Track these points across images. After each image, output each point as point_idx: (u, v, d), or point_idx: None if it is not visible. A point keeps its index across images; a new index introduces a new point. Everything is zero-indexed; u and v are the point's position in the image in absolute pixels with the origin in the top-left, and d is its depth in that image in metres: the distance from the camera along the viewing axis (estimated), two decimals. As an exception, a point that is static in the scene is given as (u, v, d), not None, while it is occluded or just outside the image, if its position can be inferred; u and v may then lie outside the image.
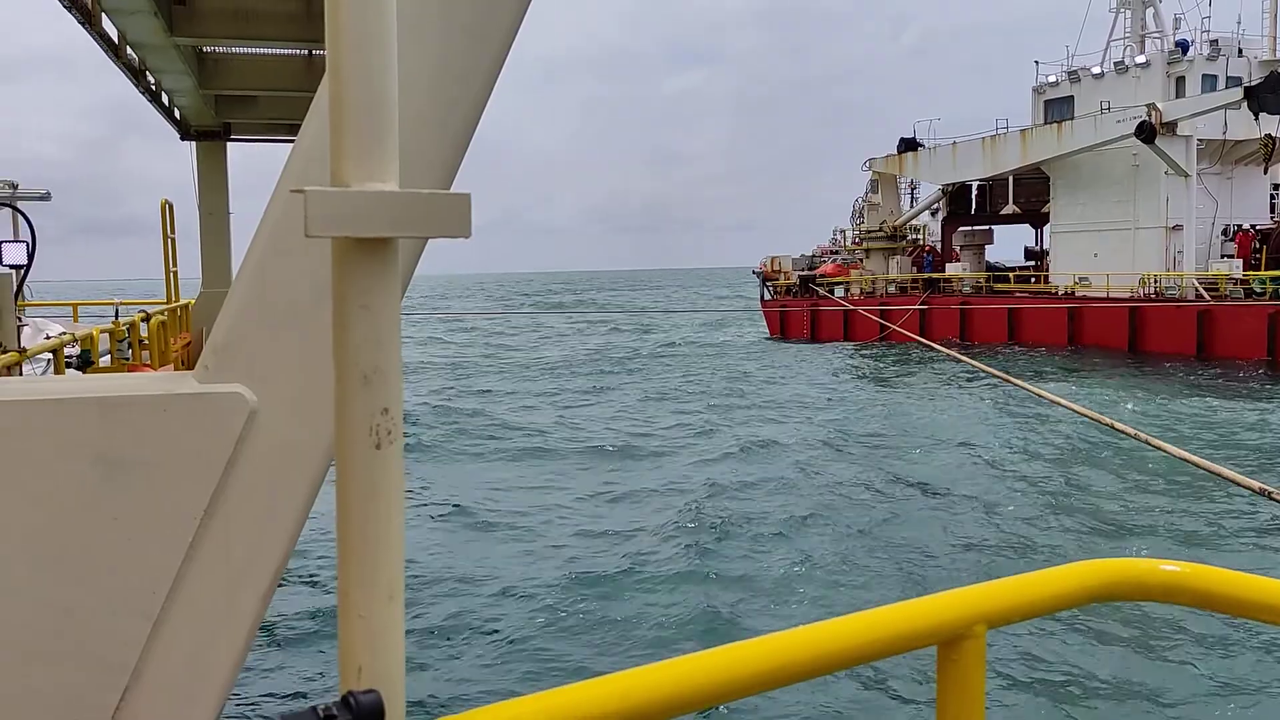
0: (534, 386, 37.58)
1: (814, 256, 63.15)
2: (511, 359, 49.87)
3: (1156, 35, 48.48)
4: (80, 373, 9.61)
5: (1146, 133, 40.67)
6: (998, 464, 21.67)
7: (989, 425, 26.87)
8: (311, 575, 13.99)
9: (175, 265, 16.02)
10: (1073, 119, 46.33)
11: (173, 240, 15.72)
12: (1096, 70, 48.04)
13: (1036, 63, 51.75)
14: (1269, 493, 6.72)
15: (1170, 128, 41.06)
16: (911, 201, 59.54)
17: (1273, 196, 45.68)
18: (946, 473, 20.87)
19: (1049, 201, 49.25)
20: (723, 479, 20.52)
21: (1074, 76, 49.08)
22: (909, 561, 14.74)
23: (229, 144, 16.46)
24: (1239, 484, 7.18)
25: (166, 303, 15.78)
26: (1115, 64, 47.48)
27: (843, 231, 63.07)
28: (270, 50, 12.50)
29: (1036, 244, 56.39)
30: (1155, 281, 42.13)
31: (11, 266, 8.69)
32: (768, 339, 58.15)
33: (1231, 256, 41.70)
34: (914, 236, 58.95)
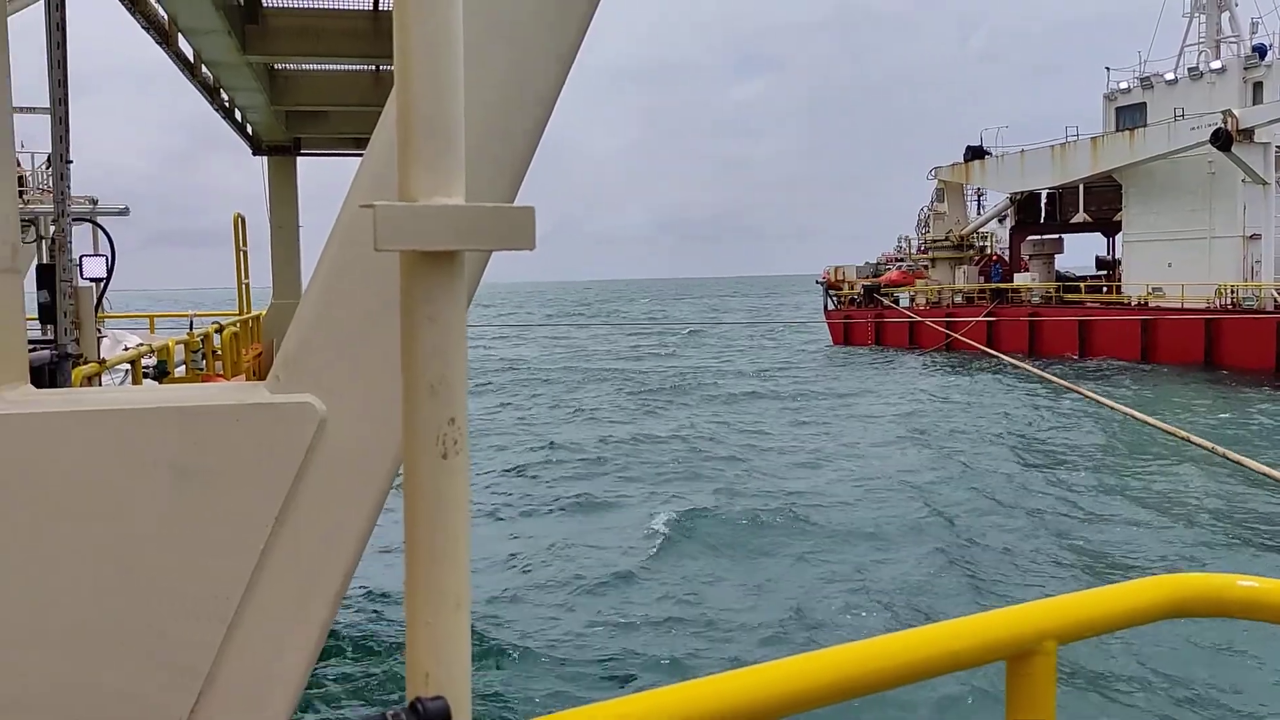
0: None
1: (878, 265, 62.57)
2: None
3: (1233, 40, 47.27)
4: (157, 383, 9.87)
5: (1222, 140, 39.65)
6: (1066, 476, 21.25)
7: (1055, 436, 26.36)
8: (375, 583, 14.16)
9: (247, 277, 16.41)
10: (1145, 126, 45.34)
11: (245, 253, 16.12)
12: (1170, 76, 46.93)
13: (1108, 69, 50.81)
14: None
15: (1247, 135, 39.98)
16: (978, 209, 58.69)
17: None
18: (1021, 484, 20.51)
19: (1121, 210, 48.21)
20: (811, 486, 20.44)
21: (1147, 83, 48.01)
22: (980, 575, 14.51)
23: (299, 158, 16.84)
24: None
25: (238, 314, 16.16)
26: (1189, 70, 46.35)
27: (907, 239, 62.39)
28: (339, 66, 12.79)
29: (1108, 253, 55.21)
30: (1232, 292, 40.97)
31: (91, 280, 8.96)
32: (829, 347, 57.73)
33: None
34: (981, 245, 58.04)
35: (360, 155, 2.99)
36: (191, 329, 12.93)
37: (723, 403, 35.62)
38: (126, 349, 10.41)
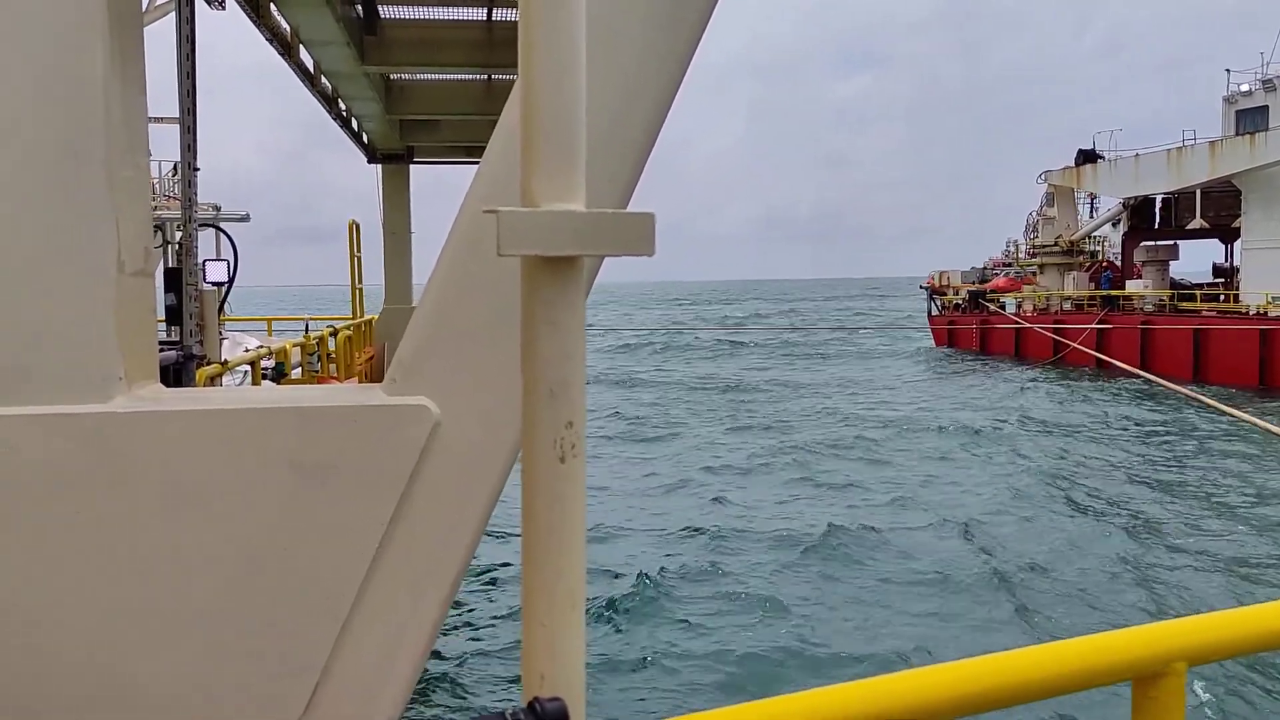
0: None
1: (985, 269, 61.09)
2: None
3: (1366, 37, 44.97)
4: (274, 384, 10.19)
5: (1349, 144, 37.70)
6: (1200, 498, 20.42)
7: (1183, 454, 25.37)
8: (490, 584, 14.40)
9: (360, 282, 16.85)
10: (1267, 130, 43.37)
11: (358, 259, 16.55)
12: (1295, 78, 44.89)
13: (1228, 70, 48.73)
14: None
15: (1374, 138, 37.94)
16: (1091, 213, 56.87)
17: None
18: (1153, 503, 19.80)
19: (1240, 216, 46.18)
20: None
21: (1269, 85, 45.91)
22: (1107, 593, 14.05)
23: (411, 166, 17.23)
24: None
25: (352, 318, 16.59)
26: (1316, 71, 44.30)
27: (1016, 243, 60.78)
28: (452, 76, 13.07)
29: (1226, 260, 52.94)
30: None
31: (214, 284, 9.29)
32: (932, 350, 56.67)
33: None
34: (1092, 249, 56.20)
35: (472, 163, 3.05)
36: (307, 332, 13.32)
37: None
38: (246, 351, 10.79)
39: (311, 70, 10.75)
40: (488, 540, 15.29)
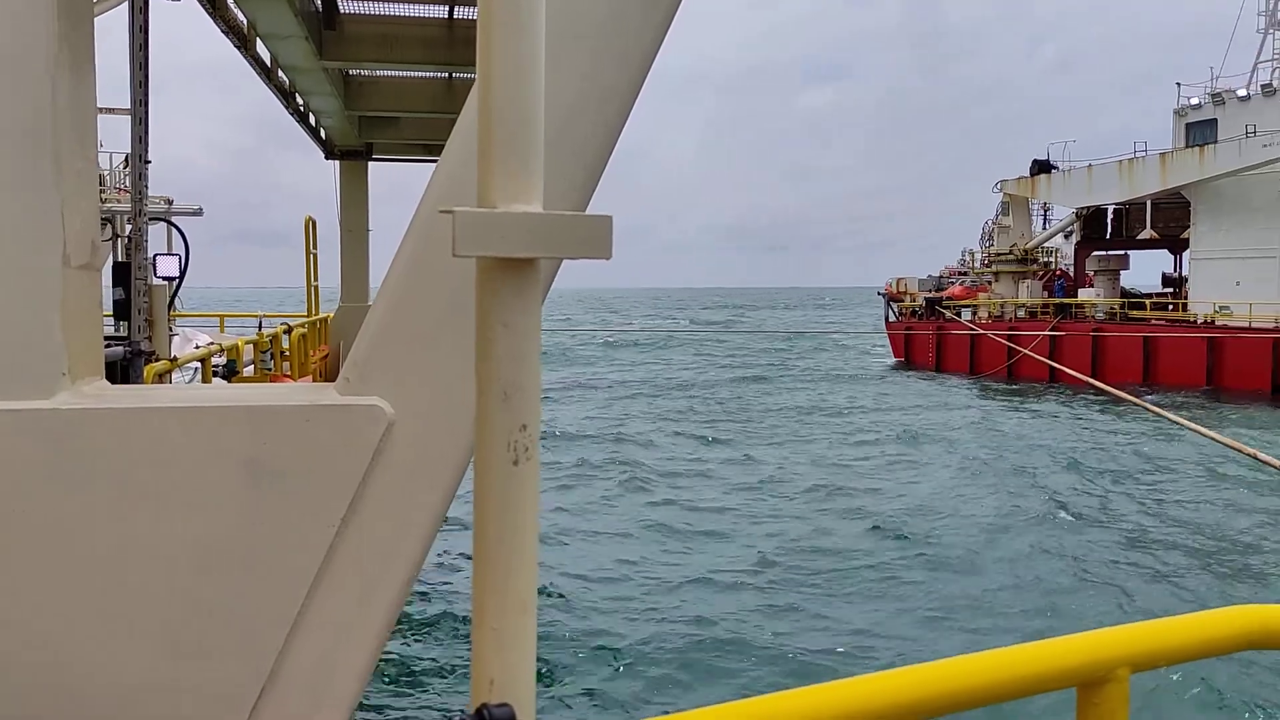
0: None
1: (941, 278, 61.89)
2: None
3: (1309, 57, 46.10)
4: (225, 382, 10.05)
5: (1296, 158, 38.60)
6: (1142, 501, 20.76)
7: (1125, 459, 25.79)
8: (443, 586, 14.29)
9: (316, 279, 16.66)
10: (1216, 143, 44.29)
11: (315, 256, 16.37)
12: (1242, 93, 45.80)
13: (1178, 84, 49.70)
14: None
15: (1321, 152, 38.87)
16: (1044, 224, 57.76)
17: None
18: (1097, 508, 20.05)
19: (1189, 227, 47.12)
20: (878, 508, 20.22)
21: (1218, 99, 46.92)
22: (1047, 600, 14.23)
23: (370, 163, 17.08)
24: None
25: (307, 316, 16.40)
26: (1262, 86, 45.20)
27: (971, 253, 61.62)
28: (412, 73, 12.96)
29: (1175, 270, 53.99)
30: (1303, 311, 39.87)
31: (165, 278, 9.14)
32: (893, 367, 57.00)
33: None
34: (1045, 260, 57.11)
35: (431, 161, 3.03)
36: (260, 329, 13.15)
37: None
38: (197, 347, 10.62)
39: (269, 64, 10.62)
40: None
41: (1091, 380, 11.90)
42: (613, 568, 15.75)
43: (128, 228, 8.62)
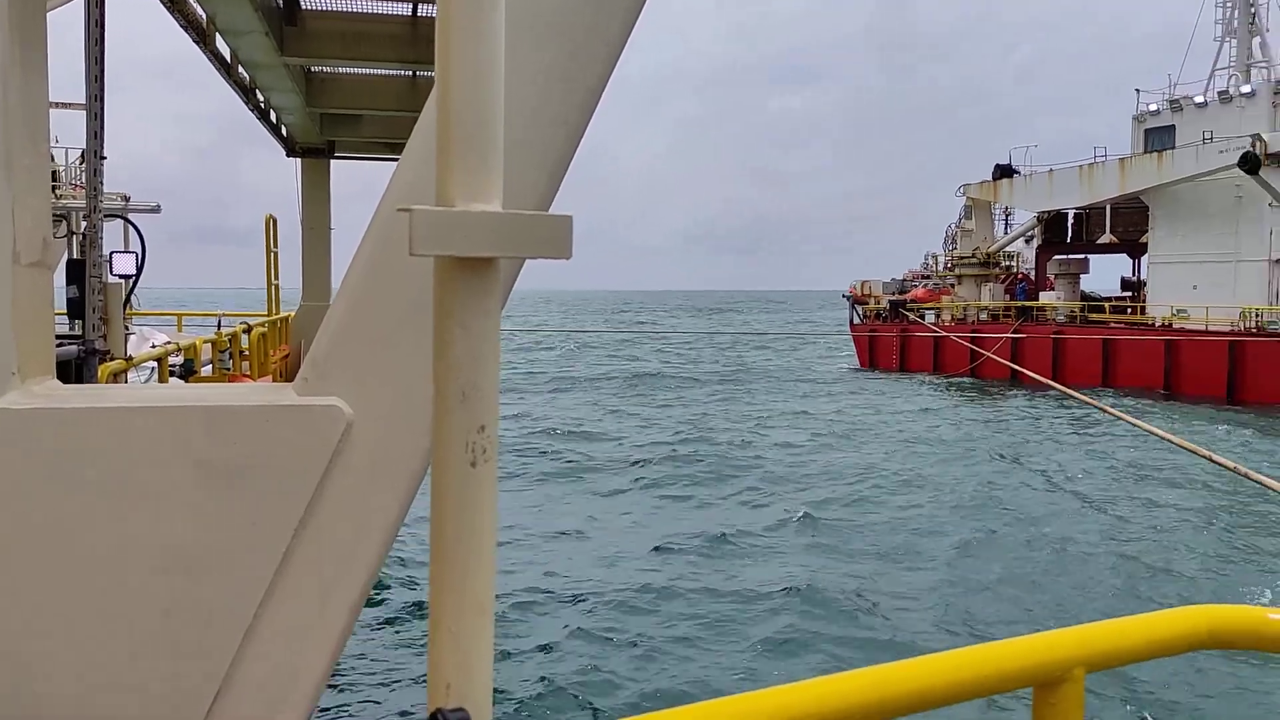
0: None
1: (904, 281, 62.50)
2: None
3: (1263, 65, 46.98)
4: (183, 381, 9.92)
5: (1251, 164, 39.25)
6: (1092, 499, 21.04)
7: (1078, 458, 26.13)
8: (404, 588, 14.20)
9: (277, 278, 16.50)
10: (1174, 149, 45.02)
11: (275, 254, 16.21)
12: (1199, 99, 46.64)
13: (1137, 91, 50.49)
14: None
15: (1275, 159, 39.48)
16: (1006, 228, 58.47)
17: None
18: (1049, 510, 20.30)
19: (1147, 231, 47.87)
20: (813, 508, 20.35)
21: (1176, 105, 47.73)
22: (1008, 600, 14.37)
23: (332, 161, 16.93)
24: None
25: (267, 315, 16.24)
26: (1219, 93, 46.04)
27: (934, 256, 62.28)
28: (375, 71, 12.86)
29: (1134, 274, 54.83)
30: (1257, 315, 40.57)
31: (121, 276, 9.01)
32: (856, 370, 57.43)
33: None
34: (1007, 264, 57.84)
35: (394, 160, 3.00)
36: (219, 328, 12.99)
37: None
38: (154, 346, 10.47)
39: (228, 60, 10.49)
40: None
41: (1051, 382, 12.04)
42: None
43: (83, 224, 8.49)
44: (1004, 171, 55.21)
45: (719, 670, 11.61)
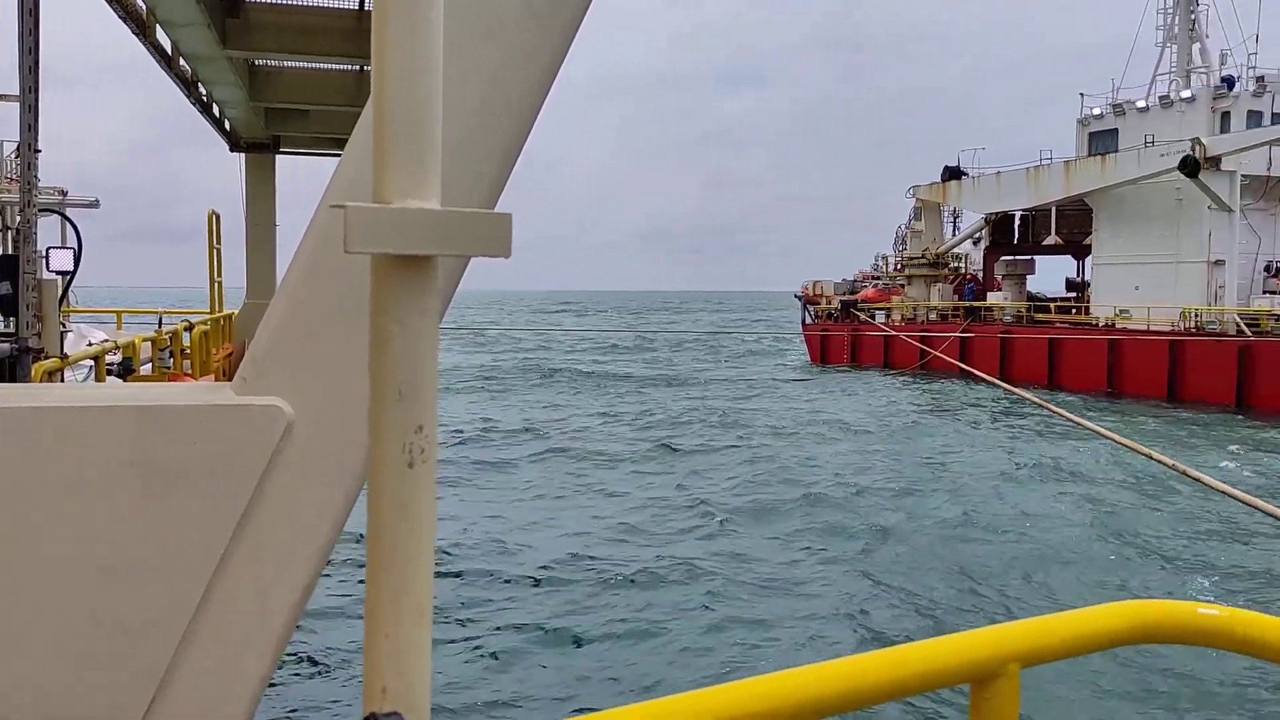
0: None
1: (855, 282, 63.13)
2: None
3: (1202, 70, 48.06)
4: (121, 380, 9.72)
5: (1190, 167, 40.18)
6: (1033, 497, 21.40)
7: (1020, 457, 26.56)
8: (344, 592, 14.03)
9: (220, 275, 16.25)
10: (1117, 152, 45.94)
11: (218, 250, 15.96)
12: (1141, 104, 47.65)
13: (1081, 95, 51.43)
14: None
15: (1214, 163, 40.52)
16: (954, 229, 59.27)
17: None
18: (984, 505, 20.61)
19: (1091, 233, 48.79)
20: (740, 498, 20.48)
21: (1119, 109, 48.72)
22: (943, 597, 14.56)
23: (278, 156, 16.70)
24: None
25: (210, 312, 15.99)
26: (1160, 98, 47.07)
27: (884, 257, 63.00)
28: (322, 65, 12.69)
29: (1078, 275, 55.84)
30: (1196, 315, 41.54)
31: (58, 273, 8.83)
32: (808, 364, 58.02)
33: (1274, 293, 41.05)
34: (955, 265, 58.67)
35: (341, 156, 2.96)
36: (160, 326, 12.76)
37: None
38: (91, 345, 10.25)
39: (169, 53, 10.31)
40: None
41: (996, 380, 12.22)
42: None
43: (17, 219, 8.29)
44: (952, 173, 55.96)
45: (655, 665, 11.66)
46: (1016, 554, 16.81)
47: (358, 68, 12.49)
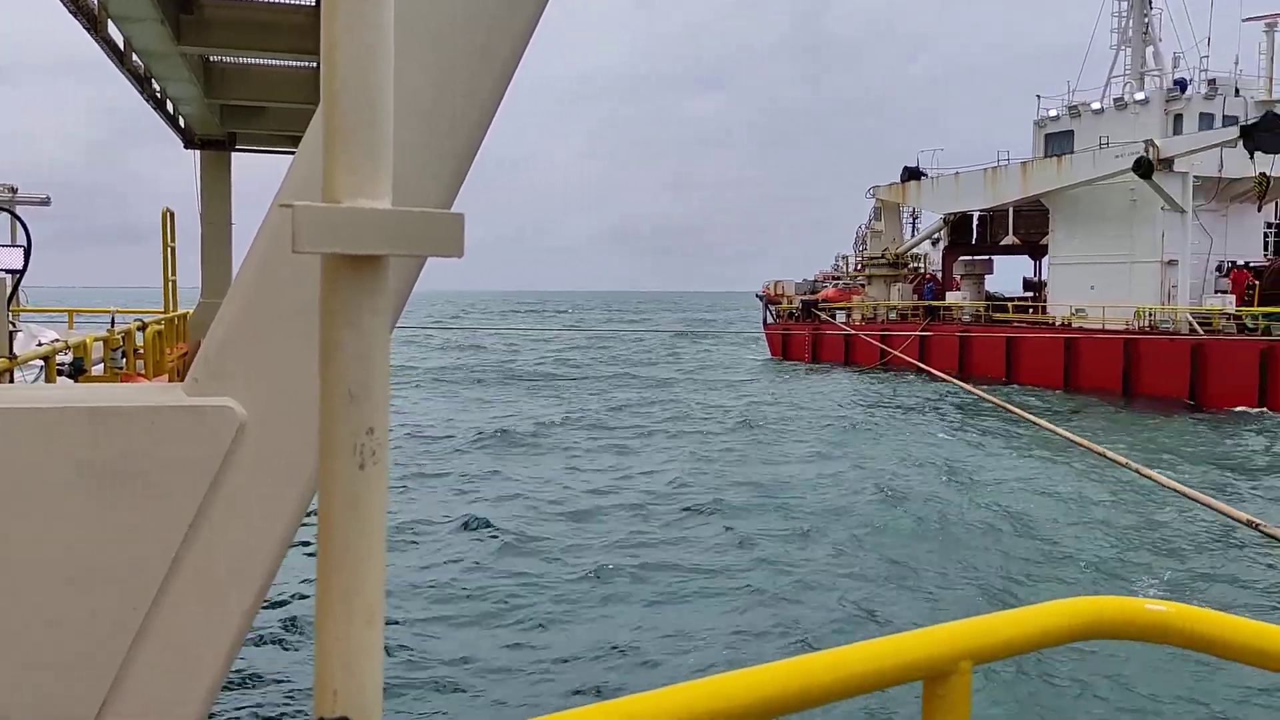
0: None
1: (816, 282, 63.55)
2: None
3: (1156, 73, 48.85)
4: (72, 381, 9.55)
5: (1144, 168, 40.83)
6: (984, 493, 21.62)
7: (973, 454, 26.86)
8: (297, 594, 13.88)
9: (174, 274, 16.03)
10: (1072, 153, 46.59)
11: (172, 249, 15.74)
12: (1096, 106, 48.36)
13: (1038, 97, 52.09)
14: (1257, 524, 6.73)
15: (1167, 164, 41.20)
16: (913, 230, 59.82)
17: (1266, 234, 45.79)
18: (933, 501, 20.79)
19: (1048, 233, 49.45)
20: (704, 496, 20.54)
21: (1074, 111, 49.42)
22: (893, 593, 14.67)
23: (234, 154, 16.51)
24: (1230, 516, 7.18)
25: (164, 312, 15.76)
26: (1115, 100, 47.79)
27: (845, 257, 63.49)
28: (278, 62, 12.57)
29: (1035, 275, 56.58)
30: (1150, 314, 42.23)
31: (7, 271, 8.67)
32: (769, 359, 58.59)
33: (1225, 292, 41.83)
34: (915, 265, 59.25)
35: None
36: (113, 326, 12.55)
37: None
38: (41, 344, 10.06)
39: (121, 48, 10.16)
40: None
41: (953, 379, 12.34)
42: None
43: (-34, 217, 8.13)
44: (912, 174, 56.50)
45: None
46: (938, 546, 17.07)
47: (314, 64, 12.38)
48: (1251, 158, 39.13)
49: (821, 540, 17.51)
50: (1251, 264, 43.00)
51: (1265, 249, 45.34)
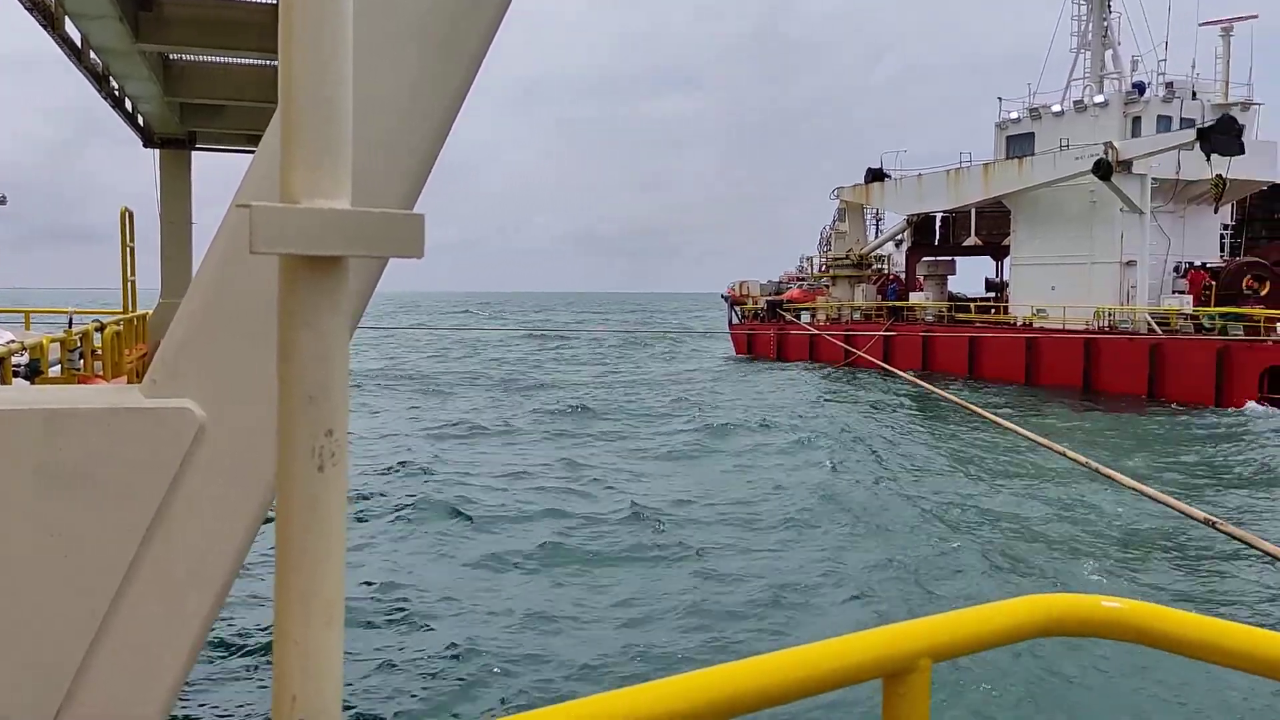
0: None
1: (781, 283, 63.81)
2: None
3: (1115, 76, 49.50)
4: (28, 383, 9.41)
5: (1103, 170, 41.42)
6: (944, 490, 21.81)
7: (935, 451, 27.10)
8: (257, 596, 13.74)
9: (133, 275, 15.82)
10: (1033, 155, 47.16)
11: (131, 249, 15.53)
12: (1057, 108, 48.93)
13: (1000, 99, 52.64)
14: (1214, 523, 6.84)
15: (1126, 166, 41.83)
16: (877, 231, 60.24)
17: (1223, 236, 46.58)
18: (894, 499, 20.95)
19: (1009, 234, 50.00)
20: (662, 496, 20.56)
21: (1035, 114, 49.99)
22: (856, 591, 14.75)
23: (194, 153, 16.33)
24: (1187, 514, 7.29)
25: (123, 313, 15.55)
26: (1075, 103, 48.39)
27: (809, 258, 63.81)
28: (239, 60, 12.43)
29: (997, 276, 57.16)
30: (1109, 315, 42.82)
31: (-38, 271, 8.51)
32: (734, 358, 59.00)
33: (1183, 293, 42.50)
34: (879, 265, 59.68)
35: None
36: (70, 326, 12.36)
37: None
38: (-4, 346, 9.90)
39: (79, 46, 10.01)
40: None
41: (916, 380, 12.42)
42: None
43: (-83, 216, 7.97)
44: (875, 175, 56.89)
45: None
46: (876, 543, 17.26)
47: (276, 63, 12.24)
48: (1208, 160, 39.83)
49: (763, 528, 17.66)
50: (1208, 265, 43.70)
51: (1221, 250, 46.11)
